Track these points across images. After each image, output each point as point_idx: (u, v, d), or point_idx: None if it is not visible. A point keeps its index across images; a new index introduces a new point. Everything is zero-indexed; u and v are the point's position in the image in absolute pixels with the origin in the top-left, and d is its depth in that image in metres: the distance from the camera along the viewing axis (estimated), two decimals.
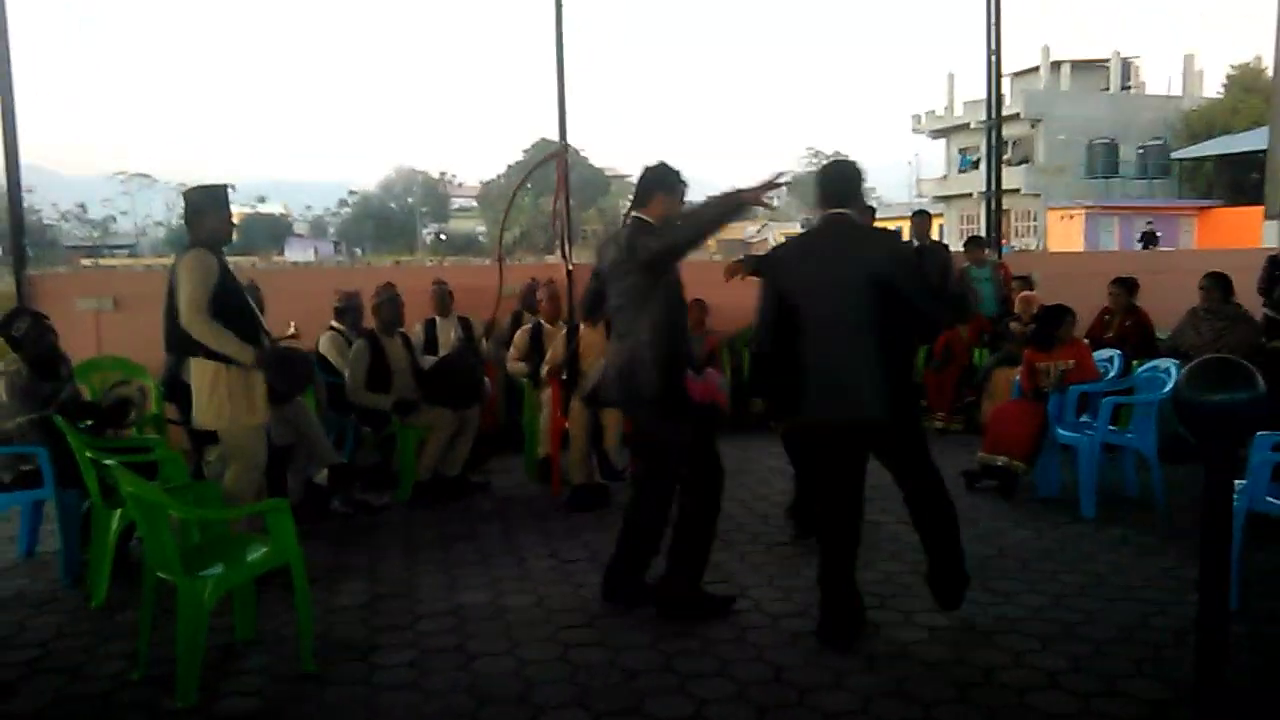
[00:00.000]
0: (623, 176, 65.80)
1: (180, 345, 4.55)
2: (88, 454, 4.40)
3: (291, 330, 5.67)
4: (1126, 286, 7.79)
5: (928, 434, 4.30)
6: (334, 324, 6.78)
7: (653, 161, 4.25)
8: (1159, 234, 30.17)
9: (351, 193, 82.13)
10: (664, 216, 4.12)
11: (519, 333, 7.07)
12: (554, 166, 7.42)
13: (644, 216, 4.16)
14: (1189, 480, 5.70)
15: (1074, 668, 3.61)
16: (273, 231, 73.95)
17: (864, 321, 3.80)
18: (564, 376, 6.33)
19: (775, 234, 58.91)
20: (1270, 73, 18.80)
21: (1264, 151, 19.72)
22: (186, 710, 3.40)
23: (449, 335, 7.28)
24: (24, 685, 3.66)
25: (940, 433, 7.91)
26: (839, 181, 4.03)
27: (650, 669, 3.68)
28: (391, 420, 6.30)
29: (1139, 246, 28.06)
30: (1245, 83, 40.88)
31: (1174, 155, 39.27)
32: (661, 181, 4.20)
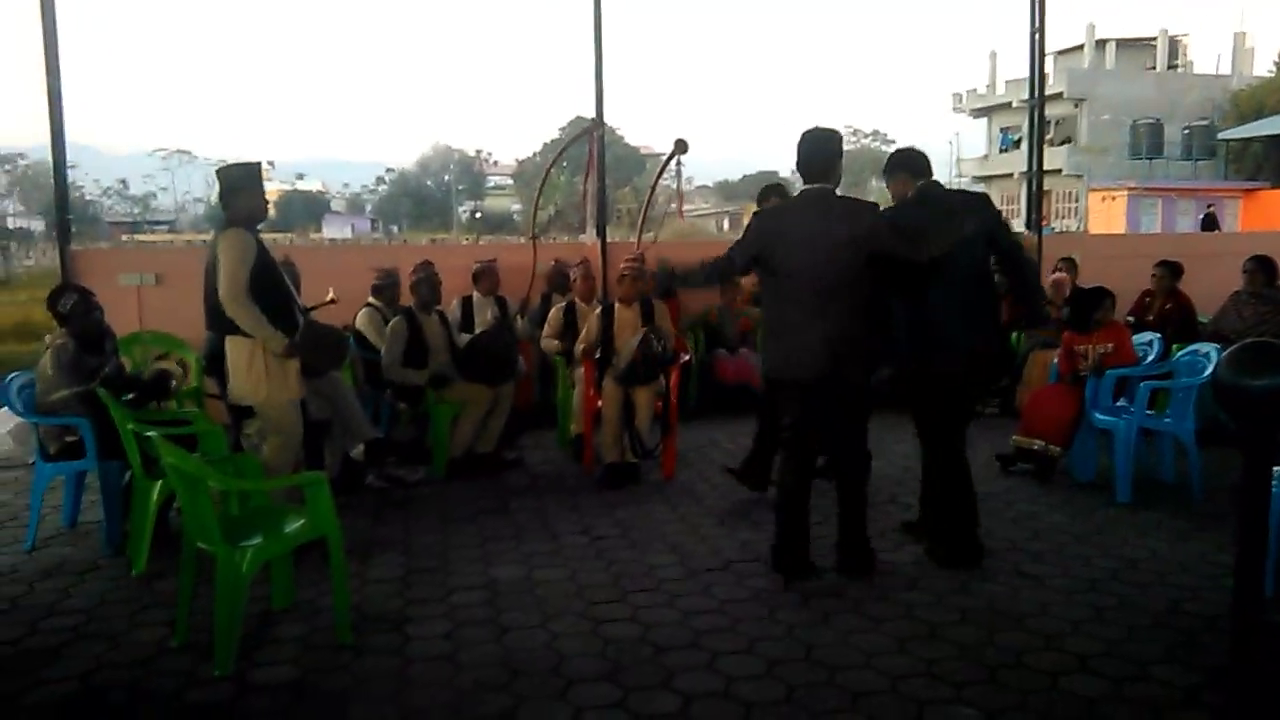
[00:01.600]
0: (659, 155, 65.53)
1: (219, 322, 4.61)
2: (129, 426, 4.48)
3: (331, 296, 5.71)
4: (1171, 269, 7.68)
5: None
6: (371, 300, 6.83)
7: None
8: (1217, 215, 29.52)
9: (389, 170, 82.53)
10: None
11: (553, 311, 7.09)
12: (588, 144, 7.41)
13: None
14: (1226, 466, 5.63)
15: (1106, 652, 3.59)
16: (310, 208, 74.47)
17: (977, 273, 4.51)
18: (597, 355, 6.35)
19: None
20: None
21: None
22: (224, 678, 3.47)
23: (485, 313, 7.32)
24: (67, 651, 3.75)
25: (976, 415, 7.85)
26: (920, 159, 4.70)
27: (680, 645, 3.70)
28: (427, 396, 6.36)
29: (1199, 228, 27.50)
30: None
31: (1220, 135, 38.49)
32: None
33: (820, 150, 4.28)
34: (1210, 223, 27.74)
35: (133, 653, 3.72)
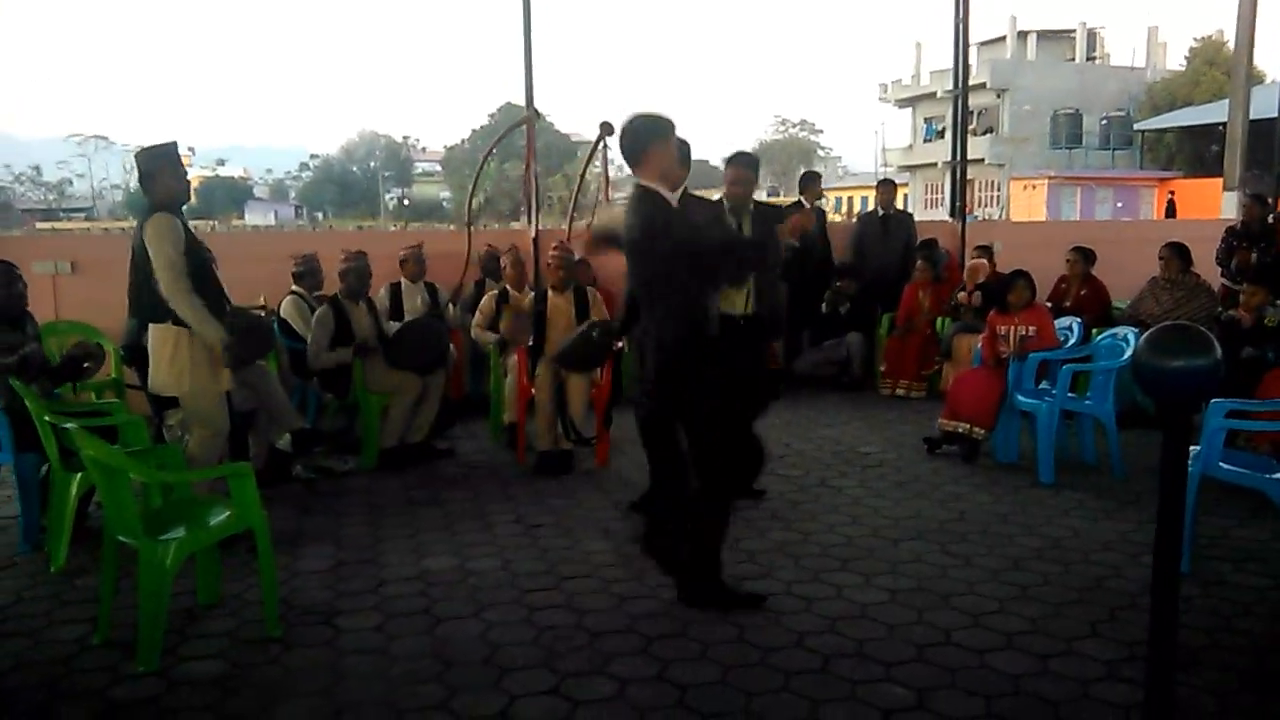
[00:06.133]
0: (589, 142, 65.31)
1: (144, 310, 4.49)
2: (46, 418, 4.34)
3: (261, 302, 5.61)
4: (1085, 255, 7.88)
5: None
6: (294, 288, 6.71)
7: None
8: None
9: (313, 156, 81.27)
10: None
11: (485, 299, 7.03)
12: (520, 133, 7.35)
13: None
14: (1145, 446, 5.81)
15: (1031, 629, 3.68)
16: (232, 195, 73.11)
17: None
18: (530, 343, 6.31)
19: None
20: (1231, 47, 19.01)
21: (1224, 124, 19.96)
22: (148, 674, 3.39)
23: (415, 300, 7.23)
24: None
25: (903, 399, 7.99)
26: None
27: (615, 631, 3.71)
28: (354, 385, 6.26)
29: (1165, 213, 28.61)
30: (1207, 56, 41.20)
31: (1136, 126, 39.59)
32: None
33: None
34: (1171, 209, 28.78)
35: (53, 650, 3.61)
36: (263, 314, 5.52)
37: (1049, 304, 7.70)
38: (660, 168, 3.83)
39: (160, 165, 4.53)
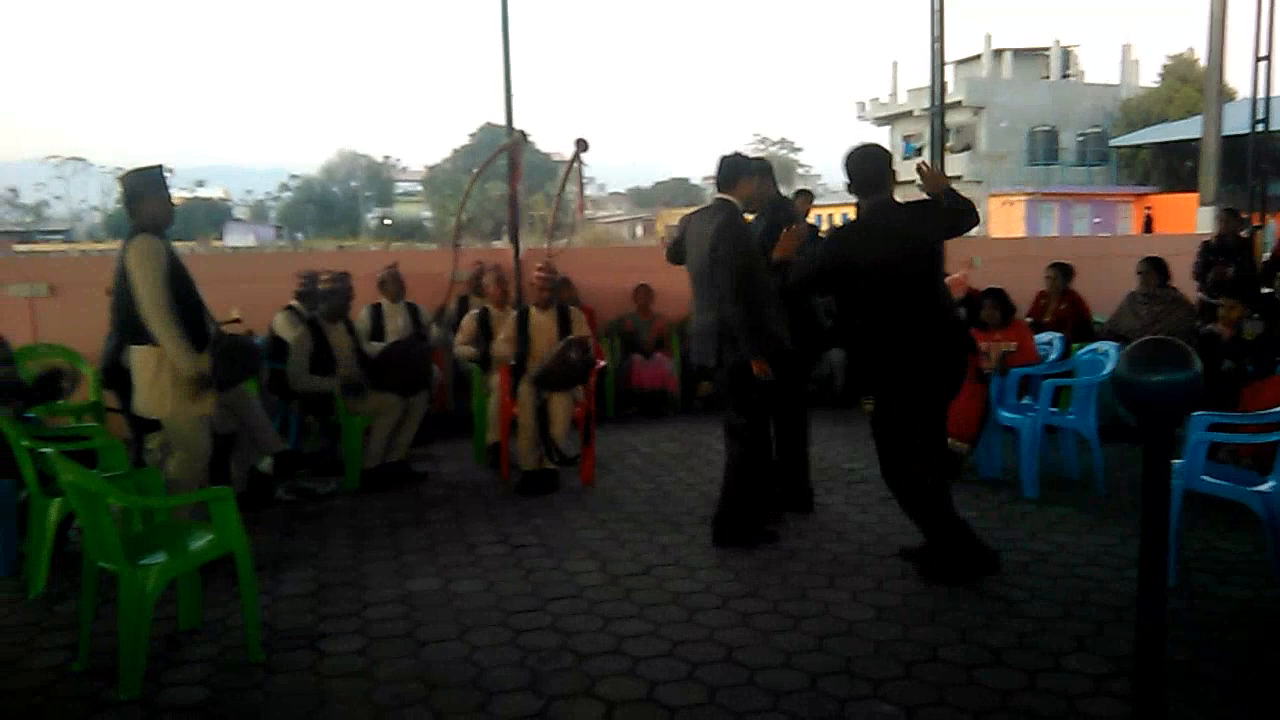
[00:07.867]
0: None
1: (127, 332, 4.46)
2: (24, 442, 4.29)
3: (235, 315, 5.58)
4: (1063, 271, 7.93)
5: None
6: (293, 303, 6.69)
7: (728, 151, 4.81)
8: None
9: (293, 177, 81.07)
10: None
11: (466, 318, 7.02)
12: (507, 154, 7.32)
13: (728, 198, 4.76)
14: (1127, 460, 5.84)
15: (1018, 644, 3.67)
16: (212, 216, 72.90)
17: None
18: (513, 362, 6.29)
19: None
20: (1203, 63, 19.22)
21: (1198, 140, 20.16)
22: (130, 702, 3.35)
23: (396, 322, 7.21)
24: None
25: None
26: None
27: (601, 652, 3.68)
28: (336, 407, 6.22)
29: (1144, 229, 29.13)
30: (1180, 73, 41.70)
31: (1112, 143, 39.98)
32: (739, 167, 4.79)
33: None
34: (1148, 224, 29.20)
35: (31, 679, 3.56)
36: (238, 325, 5.49)
37: (1029, 319, 7.75)
38: (894, 188, 4.42)
39: (146, 189, 4.53)
